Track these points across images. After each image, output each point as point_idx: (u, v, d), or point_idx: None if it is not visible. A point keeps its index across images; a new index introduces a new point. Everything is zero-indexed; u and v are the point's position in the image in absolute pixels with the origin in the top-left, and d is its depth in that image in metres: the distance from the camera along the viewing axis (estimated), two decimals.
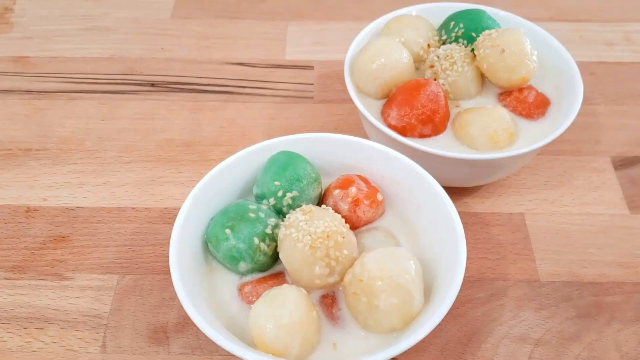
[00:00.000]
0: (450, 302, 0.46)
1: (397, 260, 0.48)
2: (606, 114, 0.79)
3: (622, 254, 0.64)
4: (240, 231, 0.51)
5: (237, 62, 0.86)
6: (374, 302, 0.47)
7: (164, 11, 0.94)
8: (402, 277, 0.47)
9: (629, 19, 0.93)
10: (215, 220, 0.53)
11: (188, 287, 0.48)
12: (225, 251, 0.51)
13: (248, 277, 0.53)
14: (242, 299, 0.51)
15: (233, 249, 0.51)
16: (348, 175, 0.57)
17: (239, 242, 0.51)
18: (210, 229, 0.53)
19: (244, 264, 0.51)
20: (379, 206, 0.56)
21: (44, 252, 0.63)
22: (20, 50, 0.87)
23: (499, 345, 0.56)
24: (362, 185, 0.55)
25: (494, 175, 0.65)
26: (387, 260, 0.47)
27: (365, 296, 0.47)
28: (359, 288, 0.47)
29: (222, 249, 0.51)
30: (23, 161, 0.72)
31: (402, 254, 0.48)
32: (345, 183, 0.55)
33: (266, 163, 0.56)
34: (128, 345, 0.56)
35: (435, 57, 0.67)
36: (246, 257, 0.51)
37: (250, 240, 0.51)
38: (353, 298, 0.48)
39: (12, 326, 0.57)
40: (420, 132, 0.63)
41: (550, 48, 0.70)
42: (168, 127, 0.76)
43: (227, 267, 0.53)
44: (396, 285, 0.46)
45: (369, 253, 0.49)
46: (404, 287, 0.46)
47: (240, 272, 0.52)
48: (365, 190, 0.55)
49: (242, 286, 0.52)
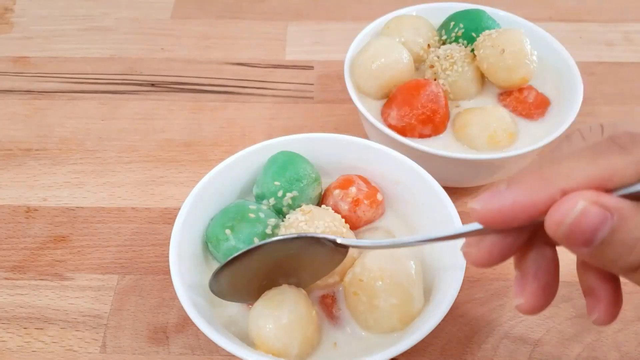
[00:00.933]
0: (450, 302, 0.46)
1: (397, 260, 0.48)
2: (606, 114, 0.79)
3: None
4: (241, 231, 0.51)
5: (237, 62, 0.86)
6: (374, 302, 0.47)
7: (164, 11, 0.94)
8: (402, 278, 0.47)
9: (629, 19, 0.93)
10: (215, 220, 0.53)
11: (188, 287, 0.48)
12: (226, 251, 0.51)
13: None
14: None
15: (233, 250, 0.50)
16: (348, 175, 0.57)
17: (239, 242, 0.51)
18: (210, 229, 0.53)
19: None
20: (379, 206, 0.56)
21: (43, 252, 0.63)
22: (20, 50, 0.87)
23: (499, 345, 0.56)
24: (362, 185, 0.55)
25: (494, 175, 0.65)
26: (387, 261, 0.47)
27: (365, 296, 0.47)
28: (360, 288, 0.47)
29: (222, 249, 0.51)
30: (23, 161, 0.72)
31: (402, 254, 0.48)
32: (345, 183, 0.55)
33: (266, 163, 0.56)
34: (128, 346, 0.56)
35: (435, 57, 0.67)
36: None
37: (250, 240, 0.51)
38: (353, 298, 0.48)
39: (12, 326, 0.57)
40: (420, 132, 0.63)
41: (550, 48, 0.70)
42: (168, 127, 0.76)
43: None
44: (396, 286, 0.46)
45: (369, 253, 0.49)
46: (404, 288, 0.47)
47: None
48: (365, 190, 0.55)
49: None
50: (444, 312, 0.45)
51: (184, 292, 0.47)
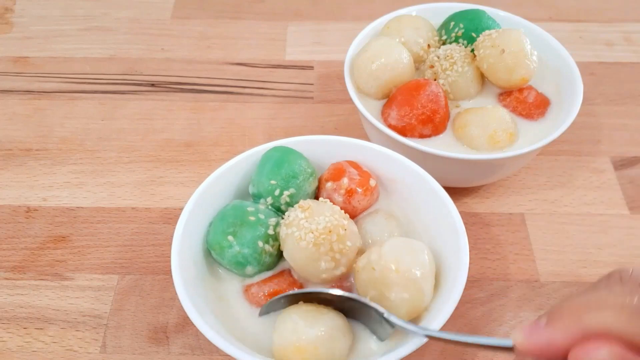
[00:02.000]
0: (452, 306, 0.46)
1: (414, 253, 0.47)
2: (606, 114, 0.79)
3: (622, 254, 0.64)
4: (243, 236, 0.50)
5: (237, 62, 0.86)
6: (385, 293, 0.46)
7: (163, 11, 0.94)
8: (417, 272, 0.46)
9: (628, 19, 0.93)
10: (215, 226, 0.52)
11: (189, 288, 0.48)
12: (231, 258, 0.50)
13: (255, 278, 0.52)
14: (249, 301, 0.51)
15: (238, 255, 0.50)
16: (338, 163, 0.56)
17: (243, 247, 0.50)
18: (211, 236, 0.52)
19: (251, 268, 0.51)
20: (373, 192, 0.55)
21: (44, 252, 0.63)
22: (20, 50, 0.87)
23: None
24: (354, 173, 0.55)
25: (494, 175, 0.65)
26: (404, 252, 0.47)
27: (377, 285, 0.46)
28: (373, 275, 0.47)
29: (226, 256, 0.50)
30: (23, 161, 0.72)
31: (420, 248, 0.48)
32: (337, 173, 0.55)
33: (260, 160, 0.55)
34: (128, 346, 0.56)
35: (435, 57, 0.67)
36: (252, 261, 0.50)
37: (254, 244, 0.50)
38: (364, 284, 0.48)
39: (12, 326, 0.57)
40: (420, 132, 0.63)
41: (550, 48, 0.70)
42: (168, 127, 0.76)
43: (233, 272, 0.52)
44: (410, 281, 0.46)
45: (388, 242, 0.48)
46: (417, 283, 0.46)
47: (247, 275, 0.52)
48: (357, 178, 0.54)
49: (248, 287, 0.51)
50: (446, 316, 0.45)
51: (185, 292, 0.46)
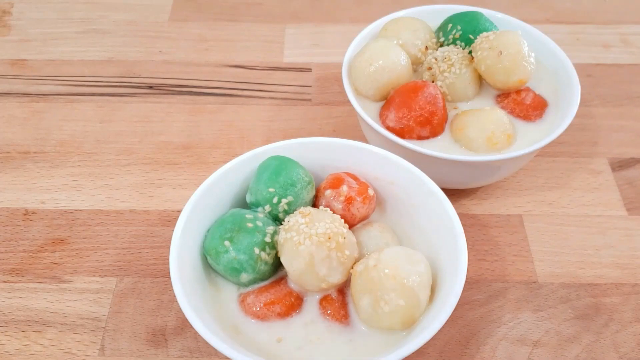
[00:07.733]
0: (451, 307, 0.46)
1: (412, 262, 0.48)
2: (603, 115, 0.79)
3: (620, 255, 0.64)
4: (240, 242, 0.50)
5: (235, 64, 0.86)
6: (380, 300, 0.46)
7: (161, 14, 0.94)
8: (414, 281, 0.46)
9: (625, 21, 0.94)
10: (213, 232, 0.52)
11: (188, 291, 0.47)
12: (226, 263, 0.50)
13: (249, 287, 0.52)
14: (245, 312, 0.51)
15: (234, 261, 0.50)
16: (336, 173, 0.57)
17: (239, 253, 0.50)
18: (208, 241, 0.52)
19: (246, 275, 0.50)
20: (371, 201, 0.55)
21: (42, 255, 0.63)
22: (17, 53, 0.87)
23: (498, 346, 0.57)
24: (352, 183, 0.55)
25: (492, 177, 0.66)
26: (404, 261, 0.47)
27: (373, 290, 0.47)
28: (370, 281, 0.47)
29: (222, 261, 0.50)
30: (21, 164, 0.72)
31: (418, 258, 0.48)
32: (336, 182, 0.55)
33: (257, 170, 0.55)
34: (126, 348, 0.56)
35: (433, 59, 0.67)
36: (247, 268, 0.50)
37: (250, 250, 0.50)
38: (361, 289, 0.48)
39: (10, 329, 0.57)
40: (418, 134, 0.63)
41: (547, 50, 0.71)
42: (166, 130, 0.76)
43: (228, 279, 0.52)
44: (407, 289, 0.46)
45: (387, 249, 0.48)
46: (413, 292, 0.46)
47: (242, 283, 0.51)
48: (356, 187, 0.55)
49: (244, 298, 0.51)
50: (445, 318, 0.45)
51: (184, 293, 0.46)
